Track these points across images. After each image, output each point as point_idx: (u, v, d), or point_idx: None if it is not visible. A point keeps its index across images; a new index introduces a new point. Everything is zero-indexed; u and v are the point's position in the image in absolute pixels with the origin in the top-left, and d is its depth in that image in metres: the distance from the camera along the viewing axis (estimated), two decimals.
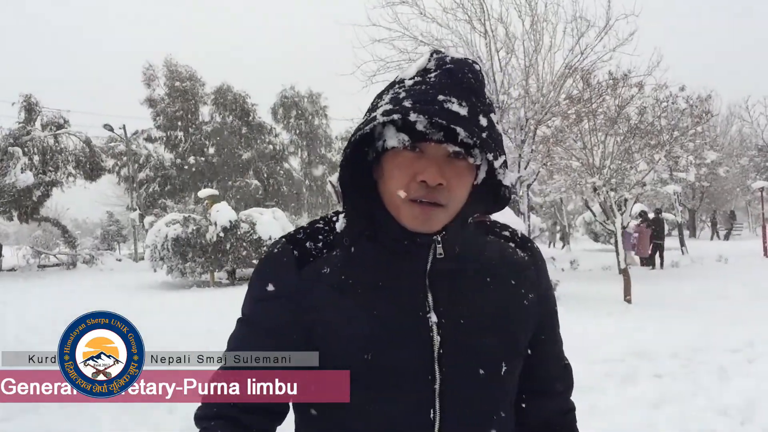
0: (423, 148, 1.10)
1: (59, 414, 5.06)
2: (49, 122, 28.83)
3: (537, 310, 1.29)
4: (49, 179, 27.76)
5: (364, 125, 1.10)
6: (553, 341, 1.38)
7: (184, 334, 8.57)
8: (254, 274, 1.26)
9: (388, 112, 1.06)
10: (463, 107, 1.06)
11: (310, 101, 40.57)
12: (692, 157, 18.68)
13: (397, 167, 1.11)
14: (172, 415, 4.86)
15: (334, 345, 1.16)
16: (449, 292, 1.18)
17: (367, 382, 1.14)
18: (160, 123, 36.78)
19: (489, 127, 1.09)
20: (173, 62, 36.35)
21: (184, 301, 13.49)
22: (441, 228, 1.15)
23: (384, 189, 1.16)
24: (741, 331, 7.25)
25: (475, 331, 1.17)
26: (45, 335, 8.37)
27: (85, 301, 13.86)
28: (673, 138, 15.66)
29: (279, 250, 1.22)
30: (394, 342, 1.14)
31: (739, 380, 5.31)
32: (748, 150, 38.72)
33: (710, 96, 18.25)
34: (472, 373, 1.17)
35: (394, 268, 1.17)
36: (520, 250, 1.31)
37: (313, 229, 1.26)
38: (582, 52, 13.77)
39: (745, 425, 4.39)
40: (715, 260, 18.50)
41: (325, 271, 1.18)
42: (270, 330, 1.20)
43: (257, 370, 1.20)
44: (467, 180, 1.14)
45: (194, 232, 17.69)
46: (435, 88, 1.08)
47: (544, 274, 1.34)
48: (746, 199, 41.20)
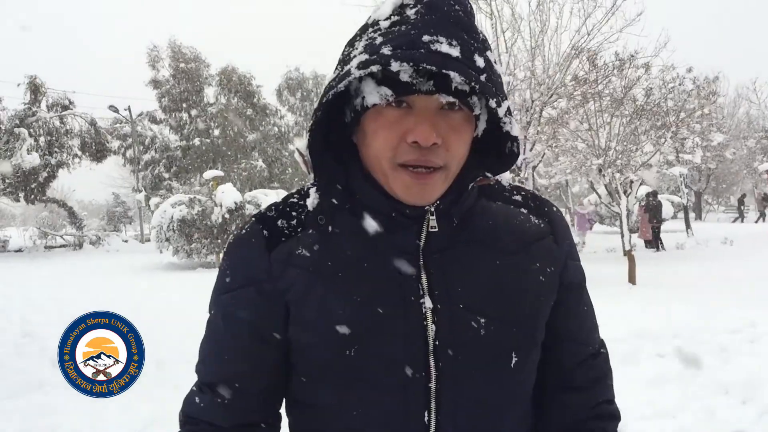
0: (410, 102, 0.92)
1: (64, 394, 5.12)
2: (55, 103, 28.85)
3: (554, 287, 1.09)
4: (55, 160, 27.80)
5: (337, 82, 0.91)
6: (575, 321, 1.15)
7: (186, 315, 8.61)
8: (221, 262, 1.10)
9: (365, 64, 0.87)
10: (453, 47, 0.87)
11: (315, 83, 40.42)
12: (699, 138, 18.61)
13: (382, 128, 0.93)
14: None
15: (310, 339, 1.00)
16: (446, 273, 1.00)
17: (349, 382, 0.99)
18: (164, 104, 36.72)
19: (487, 68, 0.90)
20: (177, 43, 36.24)
21: (188, 282, 13.55)
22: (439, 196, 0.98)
23: (366, 154, 0.98)
24: (743, 312, 7.24)
25: (477, 318, 0.99)
26: (51, 315, 8.43)
27: (90, 281, 13.95)
28: (680, 119, 15.60)
29: (247, 231, 1.05)
30: (380, 333, 0.97)
31: (740, 360, 5.31)
32: (755, 132, 38.46)
33: (717, 77, 18.17)
34: (474, 368, 0.99)
35: (379, 245, 1.00)
36: (535, 217, 1.10)
37: (287, 205, 1.07)
38: (589, 33, 13.71)
39: (746, 404, 4.40)
40: (720, 242, 18.45)
41: (299, 252, 1.01)
42: (241, 331, 1.04)
43: (236, 384, 1.06)
44: (466, 135, 0.96)
45: (200, 213, 17.74)
46: (417, 27, 0.88)
47: (564, 242, 1.12)
48: (753, 182, 40.95)
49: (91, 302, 9.96)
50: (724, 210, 46.40)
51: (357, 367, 0.98)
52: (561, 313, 1.11)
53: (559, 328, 1.12)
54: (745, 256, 14.36)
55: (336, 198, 1.02)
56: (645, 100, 14.77)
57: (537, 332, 1.07)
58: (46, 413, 4.66)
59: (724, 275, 11.05)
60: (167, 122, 37.21)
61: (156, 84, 36.53)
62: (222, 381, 1.07)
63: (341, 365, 0.98)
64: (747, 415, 4.18)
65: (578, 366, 1.15)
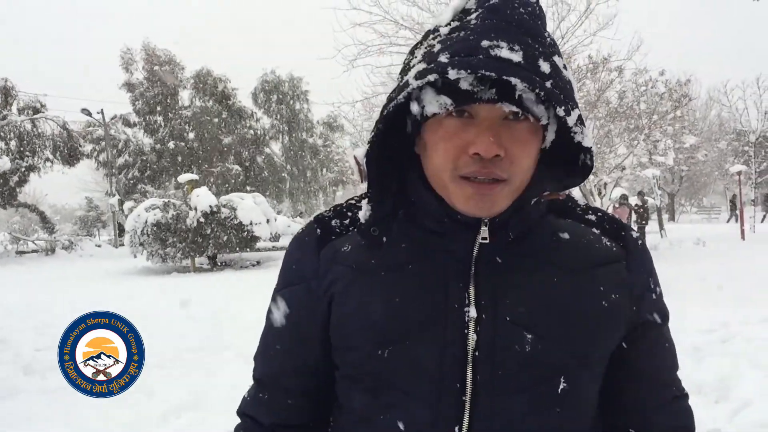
0: (472, 112, 0.87)
1: (37, 401, 5.04)
2: (26, 106, 28.45)
3: (623, 315, 0.98)
4: (27, 164, 27.44)
5: (397, 93, 0.88)
6: (650, 360, 1.03)
7: (163, 321, 8.53)
8: (283, 260, 1.12)
9: (422, 73, 0.84)
10: (515, 52, 0.82)
11: (291, 85, 40.28)
12: (671, 141, 18.85)
13: (442, 139, 0.89)
14: (151, 399, 4.86)
15: (346, 336, 0.98)
16: (496, 284, 0.94)
17: (380, 385, 0.96)
18: (138, 107, 36.35)
19: (554, 74, 0.85)
20: (151, 46, 35.89)
21: (164, 287, 13.42)
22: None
23: (427, 166, 0.94)
24: (716, 312, 7.36)
25: (524, 333, 0.92)
26: (24, 321, 8.30)
27: (63, 286, 13.75)
28: (653, 122, 15.80)
29: (303, 230, 1.07)
30: (417, 337, 0.92)
31: (713, 359, 5.39)
32: (726, 134, 39.05)
33: (689, 80, 18.39)
34: (515, 386, 0.91)
35: (428, 250, 0.97)
36: (608, 239, 1.02)
37: (345, 206, 1.07)
38: (563, 36, 13.80)
39: (719, 403, 4.47)
40: (693, 243, 18.70)
41: (345, 249, 1.00)
42: (286, 329, 1.06)
43: (279, 382, 1.08)
44: (532, 146, 0.90)
45: (174, 217, 17.56)
46: (477, 33, 0.83)
47: (641, 272, 1.02)
48: (724, 183, 41.60)
49: (64, 308, 9.83)
50: (696, 211, 47.15)
51: (389, 369, 0.94)
52: (639, 349, 1.02)
53: (637, 366, 1.02)
54: (717, 257, 14.57)
55: (389, 206, 0.99)
56: (618, 103, 14.95)
57: (592, 360, 0.96)
58: (20, 421, 4.58)
59: (697, 275, 11.20)
60: (141, 125, 36.84)
61: (130, 87, 36.14)
62: (266, 378, 1.09)
63: (374, 366, 0.95)
64: (720, 414, 4.23)
65: (659, 410, 1.04)
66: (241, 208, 17.91)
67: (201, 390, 5.20)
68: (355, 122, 16.73)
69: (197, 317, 8.72)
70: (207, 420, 4.50)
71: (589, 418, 0.99)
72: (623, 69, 14.95)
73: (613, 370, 1.01)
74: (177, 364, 6.04)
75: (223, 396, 4.97)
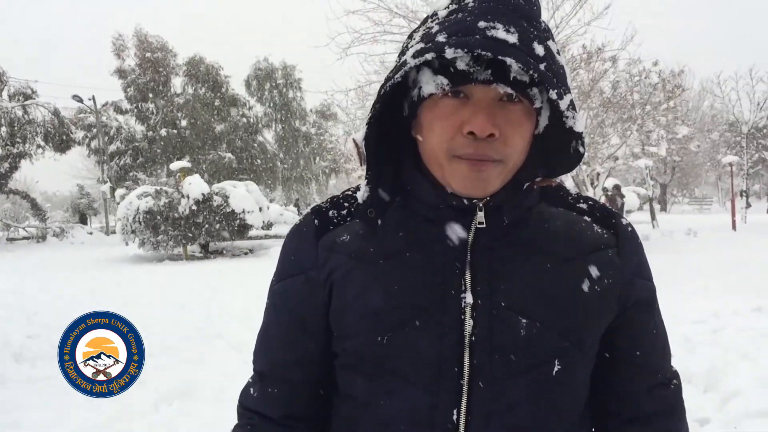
0: (468, 92, 0.89)
1: (26, 389, 5.02)
2: (17, 93, 28.20)
3: (614, 300, 1.01)
4: (18, 151, 27.26)
5: (394, 73, 0.90)
6: (643, 344, 1.06)
7: (154, 309, 8.52)
8: (280, 251, 1.11)
9: (420, 52, 0.85)
10: (511, 34, 0.83)
11: (284, 73, 40.10)
12: (664, 131, 18.88)
13: (438, 118, 0.91)
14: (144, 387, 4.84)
15: (346, 324, 1.00)
16: (492, 270, 0.96)
17: (379, 371, 0.97)
18: (130, 94, 36.13)
19: (548, 57, 0.87)
20: (143, 32, 35.64)
21: (155, 275, 13.39)
22: (497, 190, 0.94)
23: (423, 147, 0.96)
24: (706, 303, 7.39)
25: (519, 318, 0.94)
26: (12, 310, 8.27)
27: (54, 274, 13.71)
28: (645, 112, 15.82)
29: (300, 221, 1.08)
30: (415, 323, 0.95)
31: (703, 349, 5.42)
32: (719, 125, 39.19)
33: (683, 71, 18.39)
34: (511, 369, 0.94)
35: (424, 237, 0.98)
36: (599, 227, 1.04)
37: (342, 197, 1.08)
38: (557, 26, 13.76)
39: (708, 392, 4.49)
40: (684, 234, 18.78)
41: (343, 238, 1.02)
42: (287, 320, 1.06)
43: (283, 374, 1.08)
44: (526, 129, 0.91)
45: (166, 204, 17.52)
46: (474, 15, 0.85)
47: (632, 258, 1.04)
48: (716, 174, 41.77)
49: (54, 296, 9.82)
50: (688, 202, 47.34)
51: (388, 356, 0.96)
52: (628, 334, 1.04)
53: (625, 350, 1.05)
54: (708, 248, 14.64)
55: (386, 191, 1.00)
56: (612, 93, 14.96)
57: (585, 343, 0.99)
58: (9, 409, 4.57)
59: (688, 266, 11.25)
60: (133, 112, 36.64)
61: (121, 73, 35.89)
62: (269, 370, 1.09)
63: (373, 352, 0.97)
64: (709, 404, 4.26)
65: (646, 394, 1.06)
66: (234, 196, 17.87)
67: (192, 378, 5.20)
68: (349, 111, 16.65)
69: (188, 306, 8.72)
70: (198, 408, 4.50)
71: (582, 399, 1.03)
72: (617, 59, 14.95)
73: (603, 354, 1.04)
74: (168, 353, 6.02)
75: (214, 384, 4.98)
